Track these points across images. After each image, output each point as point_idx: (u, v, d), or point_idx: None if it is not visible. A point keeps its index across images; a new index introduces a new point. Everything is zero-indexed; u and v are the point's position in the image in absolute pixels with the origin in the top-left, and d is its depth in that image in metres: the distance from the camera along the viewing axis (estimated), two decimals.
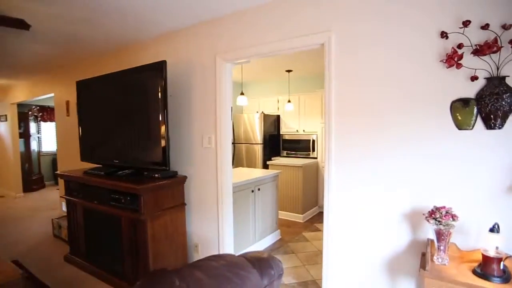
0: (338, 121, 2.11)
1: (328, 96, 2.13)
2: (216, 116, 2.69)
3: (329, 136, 2.14)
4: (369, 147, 1.98)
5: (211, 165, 2.78)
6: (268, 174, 3.71)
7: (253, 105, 6.36)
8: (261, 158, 5.65)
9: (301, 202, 4.75)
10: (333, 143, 2.12)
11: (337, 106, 2.10)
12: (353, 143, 2.05)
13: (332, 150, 2.13)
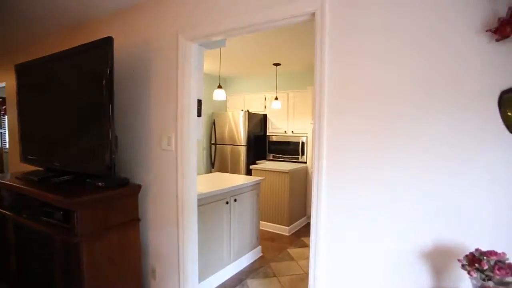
0: (332, 121, 1.56)
1: (320, 86, 1.58)
2: (177, 111, 2.11)
3: (319, 142, 1.58)
4: (375, 157, 1.44)
5: (171, 172, 2.20)
6: (247, 182, 3.15)
7: (237, 102, 5.80)
8: (245, 162, 5.08)
9: (287, 212, 4.21)
10: (324, 151, 1.57)
11: (331, 102, 1.56)
12: (352, 152, 1.50)
13: (323, 163, 1.57)
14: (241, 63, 4.76)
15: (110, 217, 2.12)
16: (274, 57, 4.32)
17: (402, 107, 1.37)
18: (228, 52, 4.10)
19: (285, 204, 4.21)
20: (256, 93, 5.56)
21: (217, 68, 4.70)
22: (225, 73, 5.61)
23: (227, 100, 5.96)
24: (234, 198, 2.94)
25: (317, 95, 1.58)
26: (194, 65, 2.10)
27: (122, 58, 2.46)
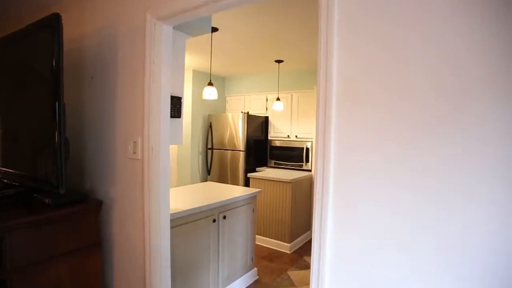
0: (342, 120, 1.10)
1: (325, 81, 1.12)
2: (143, 110, 1.66)
3: (323, 150, 1.13)
4: (403, 173, 0.97)
5: (137, 186, 1.75)
6: (241, 195, 2.68)
7: (237, 103, 5.36)
8: (243, 169, 4.62)
9: (289, 227, 3.72)
10: (331, 165, 1.12)
11: (341, 95, 1.10)
12: (371, 167, 1.03)
13: (329, 182, 1.12)
14: (241, 61, 4.32)
15: (59, 243, 1.67)
16: (277, 53, 3.87)
17: (443, 111, 0.90)
18: (226, 49, 3.67)
19: (287, 218, 3.73)
20: (257, 94, 5.11)
21: (207, 64, 4.25)
22: (223, 72, 5.17)
23: (226, 101, 5.52)
24: (223, 215, 2.48)
25: (321, 93, 1.13)
26: (166, 52, 1.65)
27: (90, 47, 2.04)
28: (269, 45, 3.53)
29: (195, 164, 5.01)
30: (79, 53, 2.11)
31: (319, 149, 1.15)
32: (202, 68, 4.76)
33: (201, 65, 4.58)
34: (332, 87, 1.11)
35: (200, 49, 3.76)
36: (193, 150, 4.96)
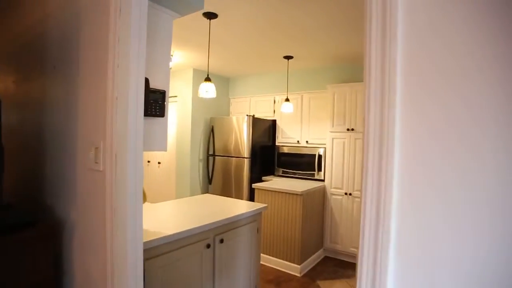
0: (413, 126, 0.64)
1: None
2: (105, 103, 1.23)
3: (378, 163, 0.68)
4: None
5: (98, 205, 1.30)
6: (243, 213, 2.22)
7: (242, 105, 4.92)
8: (247, 178, 4.16)
9: (299, 246, 3.24)
10: (394, 191, 0.67)
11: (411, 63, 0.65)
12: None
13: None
14: (245, 57, 3.90)
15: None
16: (286, 47, 3.43)
17: None
18: (228, 42, 3.24)
19: (297, 236, 3.25)
20: (264, 95, 4.67)
21: (204, 61, 3.77)
22: (227, 72, 4.75)
23: (230, 104, 5.09)
24: (220, 238, 2.01)
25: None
26: (138, 26, 1.22)
27: (53, 29, 1.63)
28: (276, 37, 3.09)
29: (195, 172, 4.57)
30: (42, 38, 1.70)
31: (369, 160, 0.69)
32: (203, 67, 4.35)
33: (202, 63, 4.16)
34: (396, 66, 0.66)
35: (200, 45, 3.35)
36: (193, 157, 4.52)
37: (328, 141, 3.76)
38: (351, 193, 3.55)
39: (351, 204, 3.56)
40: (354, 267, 3.42)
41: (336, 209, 3.66)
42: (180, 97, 4.60)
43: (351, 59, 3.78)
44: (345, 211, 3.59)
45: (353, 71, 3.99)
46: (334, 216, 3.67)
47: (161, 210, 2.27)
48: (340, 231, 3.62)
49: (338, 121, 3.67)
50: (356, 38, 3.02)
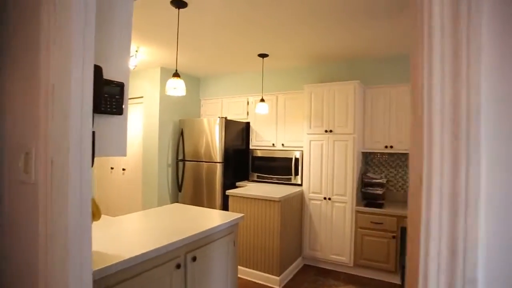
0: None
1: None
2: (39, 97, 0.93)
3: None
4: None
5: (30, 230, 0.99)
6: (218, 225, 1.95)
7: (213, 107, 4.66)
8: (220, 184, 3.89)
9: (278, 256, 3.01)
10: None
11: None
12: None
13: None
14: (218, 56, 3.64)
15: None
16: (261, 45, 3.22)
17: None
18: (198, 36, 2.97)
19: (275, 245, 3.03)
20: (237, 96, 4.43)
21: (187, 64, 3.45)
22: (198, 72, 4.47)
23: (201, 105, 4.80)
24: (192, 256, 1.74)
25: None
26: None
27: None
28: (251, 32, 2.88)
29: (164, 179, 4.22)
30: None
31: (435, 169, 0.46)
32: (171, 65, 4.03)
33: (170, 61, 3.85)
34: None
35: (168, 41, 3.05)
36: (161, 163, 4.17)
37: (306, 144, 3.58)
38: (330, 198, 3.39)
39: (330, 209, 3.40)
40: (335, 275, 3.25)
41: (315, 215, 3.49)
42: (146, 98, 4.24)
43: (329, 58, 3.65)
44: (324, 217, 3.43)
45: (330, 70, 3.87)
46: (313, 222, 3.49)
47: (124, 225, 1.95)
48: (320, 238, 3.45)
49: (315, 122, 3.51)
50: (338, 34, 2.87)
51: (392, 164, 3.71)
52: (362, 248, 3.21)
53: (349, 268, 3.31)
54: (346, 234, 3.30)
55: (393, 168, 3.71)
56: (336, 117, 3.39)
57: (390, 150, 3.40)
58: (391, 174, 3.72)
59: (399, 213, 3.05)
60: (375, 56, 3.54)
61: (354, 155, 3.29)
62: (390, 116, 3.42)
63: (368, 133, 3.53)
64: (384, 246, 3.11)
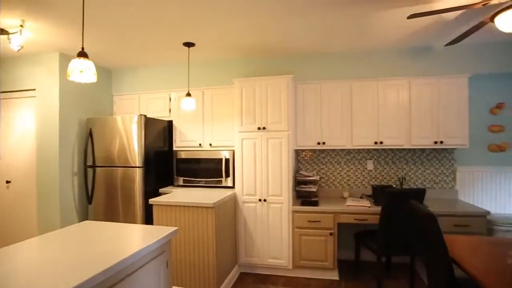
0: None
1: None
2: None
3: None
4: None
5: None
6: (145, 246, 1.53)
7: (130, 105, 4.05)
8: (141, 192, 3.35)
9: (214, 269, 2.68)
10: None
11: None
12: None
13: None
14: (133, 43, 3.11)
15: None
16: (187, 31, 2.83)
17: None
18: (112, 24, 2.43)
19: (211, 257, 2.68)
20: (157, 91, 3.92)
21: (95, 52, 2.78)
22: (110, 62, 3.81)
23: (113, 102, 4.12)
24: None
25: None
26: None
27: None
28: (175, 14, 2.48)
29: (68, 191, 3.45)
30: None
31: None
32: (74, 50, 3.31)
33: (72, 45, 3.15)
34: None
35: (70, 18, 2.43)
36: (64, 170, 3.40)
37: (237, 142, 3.32)
38: (265, 199, 3.20)
39: (266, 211, 3.20)
40: (274, 280, 3.07)
41: (250, 219, 3.25)
42: (40, 90, 3.40)
43: (259, 51, 3.46)
44: (260, 220, 3.22)
45: (261, 65, 3.69)
46: (248, 227, 3.25)
47: (8, 261, 1.37)
48: (256, 243, 3.22)
49: (247, 119, 3.28)
50: (269, 27, 2.68)
51: (323, 160, 3.73)
52: (301, 249, 3.10)
53: (288, 270, 3.17)
54: (284, 236, 3.15)
55: (324, 165, 3.72)
56: (270, 113, 3.21)
57: (323, 146, 3.38)
58: (322, 170, 3.73)
59: (335, 209, 3.02)
60: (306, 51, 3.49)
61: (289, 153, 3.16)
62: (322, 112, 3.40)
63: (301, 130, 3.46)
64: (322, 244, 3.04)
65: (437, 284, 1.90)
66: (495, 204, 3.42)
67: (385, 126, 3.26)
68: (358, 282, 3.02)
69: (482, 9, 2.38)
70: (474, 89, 3.42)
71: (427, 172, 3.48)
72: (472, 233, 2.78)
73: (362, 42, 3.19)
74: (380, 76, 3.38)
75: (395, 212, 2.67)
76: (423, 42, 3.18)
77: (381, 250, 2.72)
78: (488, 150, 3.43)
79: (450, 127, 3.14)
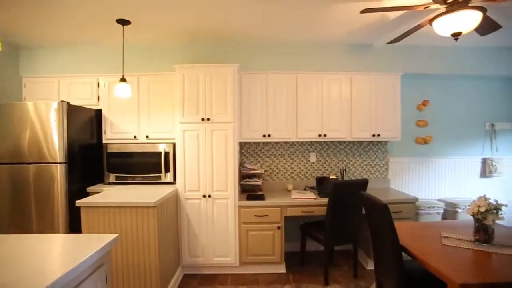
0: None
1: None
2: None
3: None
4: None
5: None
6: (80, 264, 1.24)
7: (46, 89, 3.44)
8: (63, 192, 2.86)
9: (157, 274, 2.41)
10: None
11: None
12: None
13: None
14: (53, 17, 2.59)
15: None
16: (119, 9, 2.45)
17: None
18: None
19: (153, 261, 2.41)
20: (82, 75, 3.39)
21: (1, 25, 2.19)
22: (18, 37, 3.14)
23: (23, 85, 3.44)
24: None
25: None
26: None
27: None
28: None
29: None
30: None
31: None
32: None
33: None
34: None
35: None
36: None
37: (178, 134, 3.05)
38: (210, 195, 3.01)
39: (211, 208, 3.02)
40: (221, 279, 2.93)
41: (193, 216, 3.03)
42: None
43: (202, 36, 3.22)
44: (205, 217, 3.02)
45: (204, 52, 3.45)
46: (192, 225, 3.03)
47: None
48: (201, 241, 3.02)
49: (190, 109, 3.02)
50: (212, 10, 2.47)
51: (267, 153, 3.67)
52: (248, 245, 3.00)
53: (236, 268, 3.05)
54: (230, 233, 3.01)
55: (268, 158, 3.67)
56: (214, 103, 3.01)
57: (269, 139, 3.32)
58: (266, 163, 3.67)
59: (282, 203, 2.99)
60: (252, 40, 3.36)
61: (235, 145, 3.01)
62: (268, 104, 3.32)
63: (245, 122, 3.33)
64: (269, 238, 2.99)
65: (387, 267, 1.98)
66: (418, 191, 3.80)
67: (329, 119, 3.34)
68: (305, 273, 3.06)
69: (422, 12, 2.54)
70: (405, 87, 3.71)
71: (365, 164, 3.70)
72: (404, 218, 3.03)
73: (310, 35, 3.19)
74: (324, 69, 3.45)
75: (341, 202, 2.75)
76: (366, 39, 3.32)
77: (328, 240, 2.78)
78: (415, 143, 3.78)
79: (386, 121, 3.36)
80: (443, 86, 3.79)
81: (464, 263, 1.67)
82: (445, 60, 3.54)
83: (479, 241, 1.95)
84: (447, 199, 3.70)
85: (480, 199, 1.93)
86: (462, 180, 3.87)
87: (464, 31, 2.03)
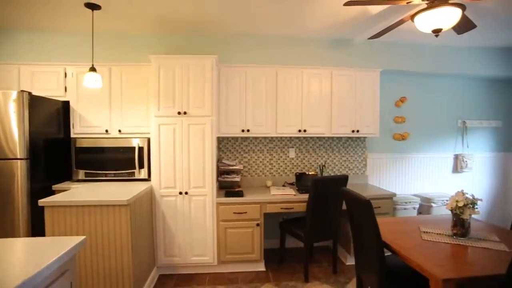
0: None
1: None
2: None
3: None
4: None
5: None
6: (36, 274, 1.10)
7: (5, 78, 3.15)
8: (24, 191, 2.63)
9: (131, 276, 2.28)
10: None
11: None
12: None
13: None
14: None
15: None
16: None
17: None
18: None
19: (125, 263, 2.27)
20: (48, 64, 3.13)
21: None
22: None
23: None
24: None
25: None
26: None
27: None
28: None
29: None
30: None
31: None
32: None
33: None
34: None
35: None
36: None
37: (154, 129, 2.90)
38: (187, 192, 2.89)
39: (188, 205, 2.90)
40: (199, 279, 2.83)
41: (169, 214, 2.90)
42: None
43: (178, 26, 3.06)
44: (182, 215, 2.90)
45: (180, 42, 3.30)
46: (168, 224, 2.90)
47: None
48: (177, 240, 2.90)
49: (166, 103, 2.88)
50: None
51: (246, 148, 3.59)
52: (226, 243, 2.91)
53: (214, 267, 2.95)
54: (208, 231, 2.91)
55: (247, 153, 3.59)
56: (191, 97, 2.88)
57: (247, 134, 3.23)
58: (245, 159, 3.59)
59: (262, 199, 2.92)
60: (231, 31, 3.25)
61: (213, 140, 2.90)
62: (247, 98, 3.23)
63: (224, 116, 3.23)
64: (248, 236, 2.92)
65: (369, 262, 1.97)
66: (395, 186, 3.86)
67: (308, 115, 3.30)
68: (284, 270, 3.02)
69: (403, 8, 2.54)
70: (383, 83, 3.74)
71: (343, 159, 3.70)
72: (382, 213, 3.05)
73: (291, 28, 3.12)
74: (305, 64, 3.40)
75: (322, 199, 2.72)
76: (347, 34, 3.29)
77: (308, 237, 2.74)
78: (393, 139, 3.83)
79: (365, 117, 3.36)
80: (420, 84, 3.86)
81: (444, 257, 1.68)
82: (424, 59, 3.59)
83: (456, 235, 1.97)
84: (422, 194, 3.78)
85: (458, 194, 1.95)
86: (436, 176, 3.97)
87: (444, 28, 2.03)
